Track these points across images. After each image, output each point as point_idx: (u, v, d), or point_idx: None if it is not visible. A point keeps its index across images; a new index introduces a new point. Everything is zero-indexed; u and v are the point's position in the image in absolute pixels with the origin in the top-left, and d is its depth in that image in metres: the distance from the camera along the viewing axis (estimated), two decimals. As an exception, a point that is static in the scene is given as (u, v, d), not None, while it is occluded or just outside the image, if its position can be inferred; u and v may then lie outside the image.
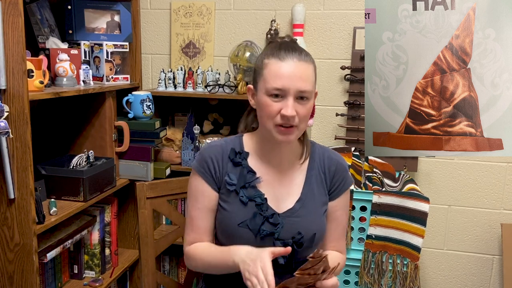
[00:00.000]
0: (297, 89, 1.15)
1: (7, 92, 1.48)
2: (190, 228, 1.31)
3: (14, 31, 1.45)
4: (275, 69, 1.16)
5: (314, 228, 1.26)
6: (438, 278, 2.37)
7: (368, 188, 1.97)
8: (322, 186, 1.31)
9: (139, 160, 2.15)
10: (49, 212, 1.69)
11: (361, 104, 2.21)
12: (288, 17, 2.29)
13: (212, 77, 2.25)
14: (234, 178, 1.26)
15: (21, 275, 1.60)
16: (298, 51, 1.18)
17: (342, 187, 1.33)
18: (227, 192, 1.27)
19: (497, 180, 2.23)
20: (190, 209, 1.31)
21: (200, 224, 1.29)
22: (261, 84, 1.20)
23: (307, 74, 1.17)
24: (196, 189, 1.29)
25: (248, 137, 1.33)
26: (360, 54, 2.20)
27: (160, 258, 2.46)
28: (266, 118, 1.18)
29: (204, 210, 1.28)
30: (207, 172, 1.27)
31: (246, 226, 1.22)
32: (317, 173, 1.31)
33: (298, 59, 1.17)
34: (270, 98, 1.17)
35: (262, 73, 1.19)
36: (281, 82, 1.15)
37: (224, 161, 1.28)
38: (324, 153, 1.34)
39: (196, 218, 1.29)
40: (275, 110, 1.16)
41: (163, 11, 2.44)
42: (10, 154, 1.49)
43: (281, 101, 1.16)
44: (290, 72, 1.15)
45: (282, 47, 1.19)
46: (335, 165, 1.33)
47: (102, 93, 2.02)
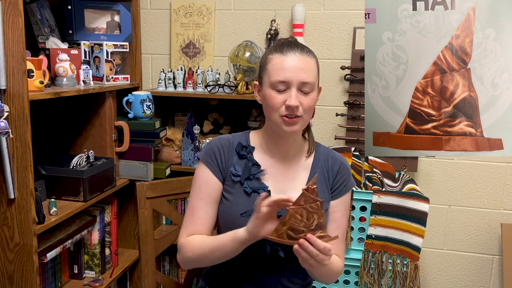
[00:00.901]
0: (300, 81, 1.19)
1: (7, 92, 1.48)
2: (190, 219, 1.30)
3: (14, 31, 1.45)
4: (278, 63, 1.21)
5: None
6: (438, 278, 2.37)
7: (368, 188, 1.97)
8: (325, 184, 1.32)
9: (139, 160, 2.15)
10: (49, 212, 1.69)
11: (361, 104, 2.21)
12: (288, 17, 2.29)
13: (212, 77, 2.25)
14: (240, 169, 1.29)
15: (21, 275, 1.60)
16: (300, 47, 1.23)
17: (343, 188, 1.34)
18: (232, 183, 1.29)
19: (497, 180, 2.23)
20: (193, 199, 1.31)
21: (201, 215, 1.29)
22: (265, 79, 1.24)
23: (309, 67, 1.22)
24: (201, 179, 1.30)
25: (255, 134, 1.37)
26: (360, 54, 2.20)
27: (160, 258, 2.46)
28: (271, 110, 1.22)
29: (207, 200, 1.29)
30: (213, 162, 1.30)
31: (249, 217, 1.22)
32: (321, 171, 1.33)
33: (300, 53, 1.22)
34: (274, 91, 1.21)
35: (266, 67, 1.24)
36: (284, 74, 1.19)
37: (230, 153, 1.31)
38: (329, 153, 1.36)
39: (198, 208, 1.29)
40: (280, 102, 1.20)
41: (163, 11, 2.44)
42: (10, 154, 1.49)
43: (285, 93, 1.20)
44: (293, 65, 1.20)
45: (285, 44, 1.24)
46: (338, 165, 1.35)
47: (102, 93, 2.02)
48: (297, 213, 1.06)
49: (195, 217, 1.30)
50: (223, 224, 1.30)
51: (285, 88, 1.20)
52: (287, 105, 1.19)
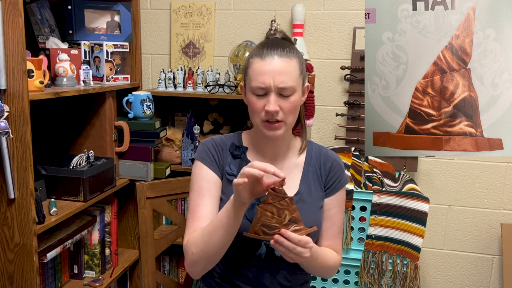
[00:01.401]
0: (277, 86, 1.18)
1: (7, 92, 1.48)
2: (193, 218, 1.26)
3: (14, 31, 1.45)
4: (257, 68, 1.20)
5: (312, 221, 1.27)
6: (438, 278, 2.37)
7: (368, 188, 1.97)
8: (318, 182, 1.33)
9: (139, 160, 2.15)
10: (49, 212, 1.69)
11: (361, 104, 2.21)
12: (288, 17, 2.29)
13: (212, 77, 2.25)
14: (234, 169, 1.29)
15: (21, 275, 1.60)
16: (280, 47, 1.21)
17: (337, 185, 1.34)
18: (227, 182, 1.29)
19: (497, 180, 2.23)
20: (195, 198, 1.28)
21: (205, 211, 1.26)
22: (247, 82, 1.24)
23: (289, 69, 1.19)
24: (200, 177, 1.29)
25: (246, 134, 1.37)
26: (360, 54, 2.20)
27: (160, 258, 2.47)
28: (254, 114, 1.23)
29: (210, 196, 1.27)
30: (211, 160, 1.30)
31: (244, 216, 1.22)
32: (314, 169, 1.33)
33: (279, 55, 1.19)
34: (254, 96, 1.21)
35: (247, 72, 1.24)
36: (262, 79, 1.19)
37: (225, 152, 1.32)
38: (321, 151, 1.36)
39: (201, 206, 1.27)
40: (260, 107, 1.20)
41: (163, 11, 2.44)
42: (10, 154, 1.49)
43: (264, 97, 1.20)
44: (270, 69, 1.18)
45: (265, 45, 1.22)
46: (331, 162, 1.35)
47: (102, 93, 2.02)
48: (267, 211, 1.07)
49: (198, 215, 1.26)
50: None
51: (264, 93, 1.20)
52: (266, 111, 1.19)
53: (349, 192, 1.90)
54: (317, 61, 2.29)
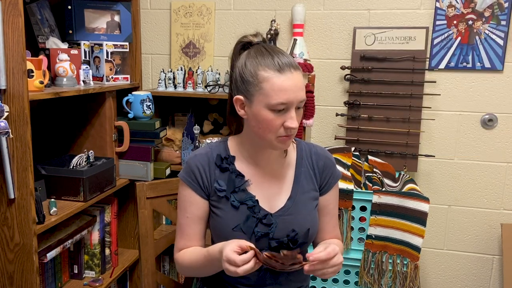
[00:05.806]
0: (299, 100, 1.17)
1: (7, 92, 1.48)
2: (180, 235, 1.32)
3: (14, 31, 1.45)
4: (278, 84, 1.13)
5: (308, 223, 1.27)
6: (438, 278, 2.37)
7: (368, 188, 1.97)
8: (312, 182, 1.32)
9: (139, 160, 2.15)
10: (49, 212, 1.69)
11: (361, 104, 2.21)
12: (288, 17, 2.29)
13: (212, 77, 2.25)
14: (223, 184, 1.26)
15: (21, 275, 1.60)
16: (286, 57, 1.17)
17: (331, 181, 1.35)
18: (218, 198, 1.27)
19: (497, 180, 2.22)
20: (180, 217, 1.31)
21: (189, 232, 1.30)
22: (260, 98, 1.15)
23: (303, 82, 1.18)
24: (184, 199, 1.30)
25: (233, 141, 1.32)
26: (360, 54, 2.20)
27: (160, 258, 2.46)
28: (268, 131, 1.17)
29: (193, 218, 1.29)
30: (194, 182, 1.28)
31: (240, 230, 1.23)
32: (306, 170, 1.33)
33: (294, 68, 1.16)
34: (272, 113, 1.15)
35: (262, 86, 1.15)
36: (285, 96, 1.13)
37: (211, 169, 1.28)
38: (311, 150, 1.36)
39: (185, 226, 1.30)
40: (279, 124, 1.16)
41: (163, 11, 2.44)
42: (10, 154, 1.49)
43: (282, 113, 1.16)
44: (293, 85, 1.14)
45: (273, 56, 1.16)
46: (323, 160, 1.35)
47: (102, 93, 2.02)
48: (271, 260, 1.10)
49: (184, 234, 1.31)
50: (216, 238, 1.29)
51: (283, 108, 1.15)
52: (288, 127, 1.15)
53: (349, 192, 1.90)
54: (317, 61, 2.29)
